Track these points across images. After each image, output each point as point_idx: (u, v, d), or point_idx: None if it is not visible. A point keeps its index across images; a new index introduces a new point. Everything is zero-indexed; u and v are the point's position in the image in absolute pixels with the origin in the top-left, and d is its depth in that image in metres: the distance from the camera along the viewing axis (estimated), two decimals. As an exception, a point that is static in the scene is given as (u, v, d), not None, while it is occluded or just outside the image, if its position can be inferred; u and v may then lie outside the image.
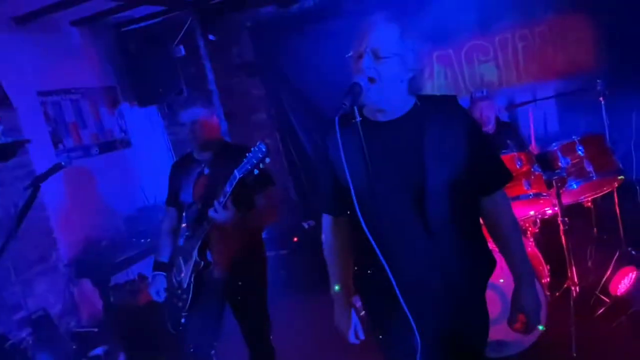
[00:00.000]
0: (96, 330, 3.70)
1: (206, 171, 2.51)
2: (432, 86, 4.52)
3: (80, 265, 3.98)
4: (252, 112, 5.20)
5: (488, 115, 3.67)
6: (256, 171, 2.13)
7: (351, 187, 1.47)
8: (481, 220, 1.74)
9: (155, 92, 4.67)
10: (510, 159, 2.97)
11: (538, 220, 3.40)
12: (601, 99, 3.22)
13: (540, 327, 2.79)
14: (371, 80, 1.49)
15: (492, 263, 1.72)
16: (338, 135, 1.45)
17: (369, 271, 1.68)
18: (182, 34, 4.86)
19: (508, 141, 3.47)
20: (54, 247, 3.90)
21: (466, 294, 1.63)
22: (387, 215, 1.55)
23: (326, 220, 1.80)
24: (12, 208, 3.39)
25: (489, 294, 1.72)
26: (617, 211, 3.28)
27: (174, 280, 2.54)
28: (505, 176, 1.68)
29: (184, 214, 2.55)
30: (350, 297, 1.79)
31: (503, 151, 3.09)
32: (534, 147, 3.65)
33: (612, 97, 3.28)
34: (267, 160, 2.13)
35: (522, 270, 1.66)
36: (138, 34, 4.78)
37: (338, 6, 4.54)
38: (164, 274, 2.58)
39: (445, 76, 4.48)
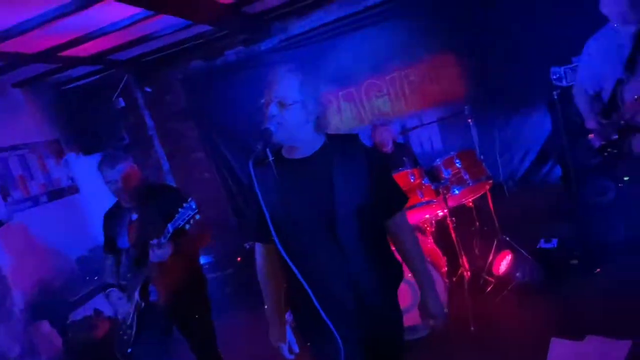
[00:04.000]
0: (56, 367, 3.37)
1: (134, 217, 2.40)
2: (341, 119, 4.65)
3: (37, 308, 3.61)
4: (191, 152, 5.05)
5: (386, 138, 3.83)
6: (187, 226, 2.03)
7: (269, 218, 1.45)
8: None
9: (99, 141, 4.43)
10: (405, 174, 3.09)
11: (433, 221, 3.53)
12: (469, 120, 3.40)
13: (444, 310, 2.91)
14: (279, 124, 1.50)
15: (401, 272, 1.74)
16: (253, 176, 1.45)
17: (294, 288, 1.65)
18: (120, 88, 4.68)
19: (404, 158, 3.61)
20: (8, 294, 3.52)
21: (380, 301, 1.62)
22: (306, 240, 1.54)
23: (257, 248, 1.76)
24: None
25: (402, 287, 1.74)
26: (491, 207, 3.47)
27: (119, 316, 2.38)
28: (403, 199, 1.71)
29: (123, 258, 2.40)
30: (283, 314, 1.76)
31: (400, 168, 3.22)
32: None
33: (478, 118, 3.49)
34: (198, 217, 2.02)
35: (423, 279, 1.69)
36: (78, 90, 4.52)
37: (256, 58, 4.59)
38: (116, 288, 2.40)
39: (350, 110, 4.61)
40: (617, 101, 2.46)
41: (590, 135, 2.68)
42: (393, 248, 1.76)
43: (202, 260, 4.46)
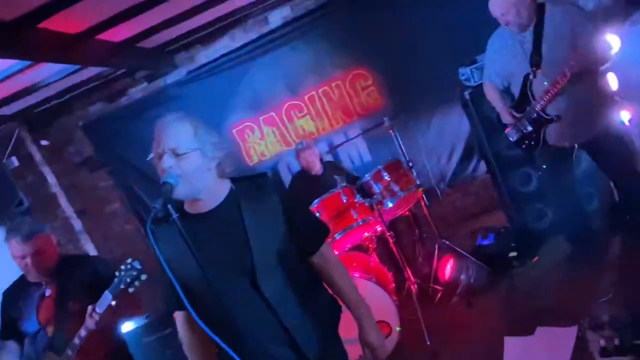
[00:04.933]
0: None
1: (47, 292, 2.08)
2: (266, 144, 4.50)
3: None
4: (105, 204, 4.60)
5: (312, 160, 3.72)
6: (131, 289, 1.77)
7: (175, 282, 1.29)
8: None
9: (-9, 210, 3.87)
10: (337, 196, 2.98)
11: (374, 238, 3.43)
12: (391, 131, 3.38)
13: (398, 329, 2.81)
14: (179, 177, 1.35)
15: (338, 308, 1.63)
16: (152, 239, 1.29)
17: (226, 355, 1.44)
18: (11, 146, 4.18)
19: (335, 176, 3.51)
20: None
21: (321, 346, 1.50)
22: (227, 301, 1.39)
23: (178, 317, 1.57)
24: None
25: (350, 317, 1.60)
26: (427, 213, 3.46)
27: None
28: (324, 232, 1.62)
29: (26, 344, 2.05)
30: None
31: (331, 190, 3.09)
32: None
33: (400, 127, 3.51)
34: (144, 277, 1.79)
35: (359, 311, 1.59)
36: (-40, 155, 3.96)
37: (164, 93, 4.33)
38: None
39: (274, 134, 4.48)
40: (528, 95, 2.55)
41: (507, 129, 2.76)
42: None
43: (137, 322, 4.03)
